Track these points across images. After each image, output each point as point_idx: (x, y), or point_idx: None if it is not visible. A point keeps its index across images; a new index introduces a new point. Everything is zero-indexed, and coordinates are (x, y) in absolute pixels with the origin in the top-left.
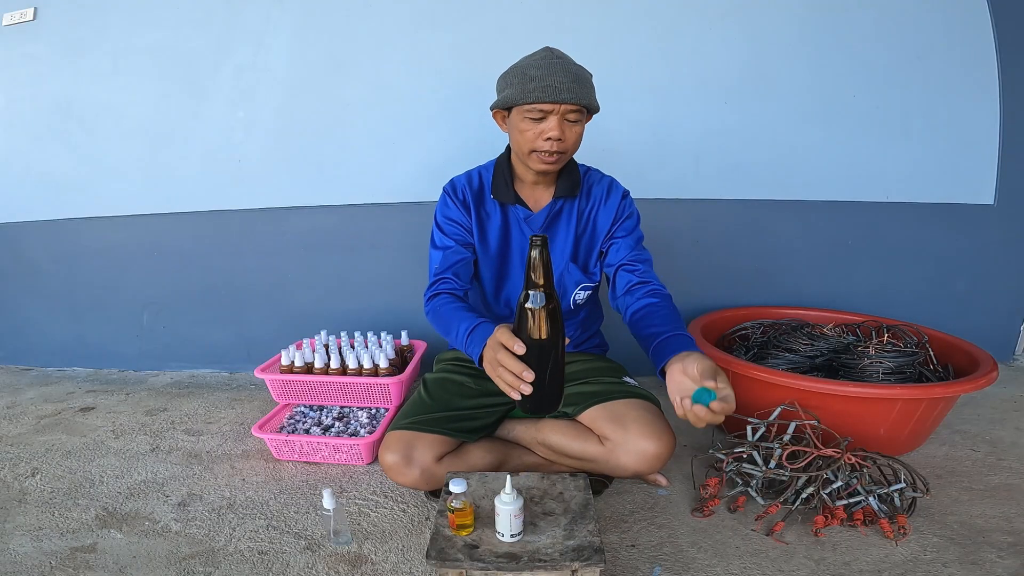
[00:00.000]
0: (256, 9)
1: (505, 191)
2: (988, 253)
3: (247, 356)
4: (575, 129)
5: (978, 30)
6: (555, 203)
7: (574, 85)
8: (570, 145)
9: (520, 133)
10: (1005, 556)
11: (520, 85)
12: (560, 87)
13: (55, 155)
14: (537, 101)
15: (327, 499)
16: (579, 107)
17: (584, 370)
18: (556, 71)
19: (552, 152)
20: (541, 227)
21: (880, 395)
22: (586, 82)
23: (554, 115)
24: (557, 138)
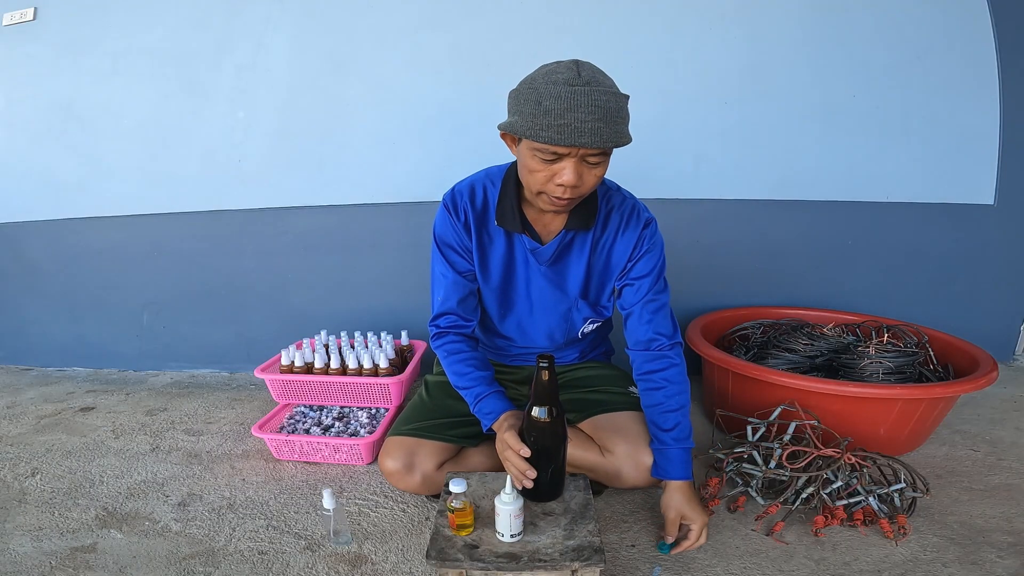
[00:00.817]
0: (256, 9)
1: (512, 219)
2: (988, 253)
3: (247, 356)
4: (596, 172)
5: (978, 30)
6: (566, 235)
7: (600, 125)
8: (587, 189)
9: (528, 171)
10: (1005, 556)
11: (532, 116)
12: (582, 129)
13: (55, 155)
14: (550, 143)
15: (327, 499)
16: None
17: (588, 377)
18: (579, 106)
19: (564, 198)
20: (549, 260)
21: (880, 395)
22: (616, 117)
23: (571, 158)
24: (572, 184)
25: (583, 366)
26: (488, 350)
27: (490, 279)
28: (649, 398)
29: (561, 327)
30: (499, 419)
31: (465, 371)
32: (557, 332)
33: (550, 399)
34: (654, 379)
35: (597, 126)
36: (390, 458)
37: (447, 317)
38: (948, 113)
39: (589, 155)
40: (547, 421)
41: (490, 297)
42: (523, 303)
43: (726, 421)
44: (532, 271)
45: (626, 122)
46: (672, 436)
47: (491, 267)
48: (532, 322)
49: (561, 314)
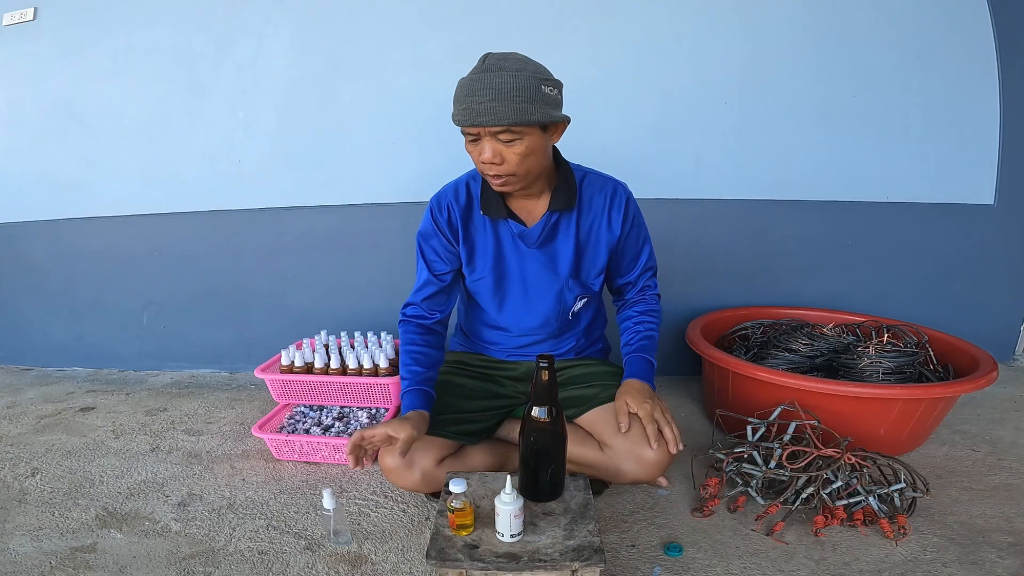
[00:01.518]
0: (256, 9)
1: (496, 207)
2: (988, 253)
3: (247, 356)
4: (515, 149)
5: (978, 30)
6: (550, 217)
7: (494, 105)
8: (513, 167)
9: (469, 153)
10: (1005, 556)
11: (454, 105)
12: (478, 109)
13: (55, 155)
14: (460, 124)
15: (327, 499)
16: (505, 127)
17: (586, 374)
18: (475, 90)
19: (497, 176)
20: (536, 242)
21: (880, 395)
22: (514, 98)
23: (484, 138)
24: (491, 161)
25: (579, 364)
26: (484, 346)
27: (482, 270)
28: (623, 326)
29: (555, 308)
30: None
31: (408, 363)
32: (552, 313)
33: (550, 399)
34: (629, 312)
35: (492, 106)
36: (389, 455)
37: (413, 307)
38: (948, 113)
39: (498, 133)
40: (547, 421)
41: (484, 288)
42: (517, 287)
43: (726, 421)
44: (523, 255)
45: (533, 101)
46: (632, 348)
47: (482, 257)
48: (528, 306)
49: (555, 294)
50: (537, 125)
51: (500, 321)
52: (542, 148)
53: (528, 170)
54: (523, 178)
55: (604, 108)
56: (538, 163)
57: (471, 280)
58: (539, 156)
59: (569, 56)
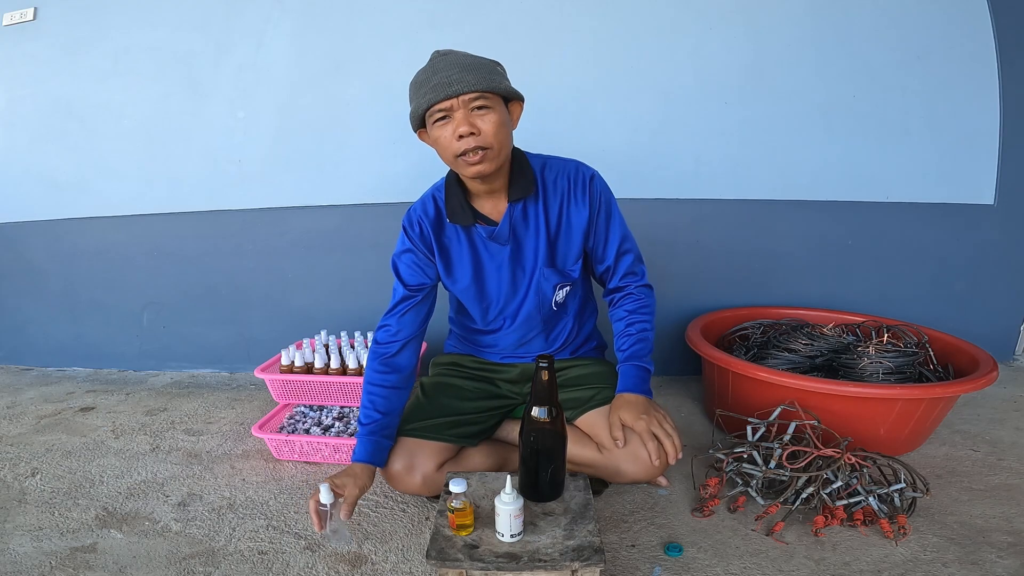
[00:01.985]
0: (256, 9)
1: (462, 213)
2: (988, 253)
3: (247, 356)
4: (489, 119)
5: (978, 30)
6: (512, 208)
7: (464, 74)
8: (490, 137)
9: (438, 144)
10: (1005, 556)
11: (415, 96)
12: (450, 81)
13: (55, 155)
14: (432, 103)
15: (324, 494)
16: (479, 93)
17: (583, 375)
18: (439, 68)
19: (473, 150)
20: (507, 238)
21: (880, 395)
22: (480, 68)
23: (456, 110)
24: (469, 132)
25: (576, 364)
26: (479, 349)
27: (462, 279)
28: (616, 328)
29: (535, 299)
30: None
31: (367, 405)
32: (532, 306)
33: (550, 399)
34: (618, 312)
35: (461, 75)
36: (390, 460)
37: (384, 330)
38: (948, 113)
39: (471, 103)
40: (547, 421)
41: (468, 296)
42: (499, 288)
43: (726, 421)
44: (497, 254)
45: (494, 73)
46: (625, 355)
47: (460, 267)
48: (510, 303)
49: (533, 285)
50: (502, 96)
51: (489, 324)
52: (508, 124)
53: (502, 144)
54: (498, 153)
55: (604, 108)
56: (508, 139)
57: (455, 291)
58: (507, 132)
59: (569, 56)
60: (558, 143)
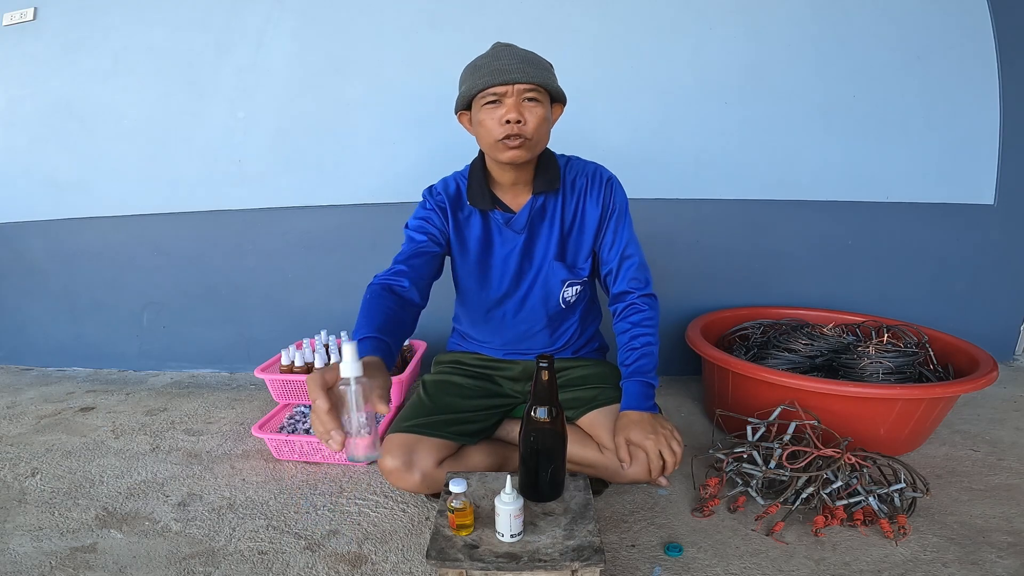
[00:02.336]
0: (256, 9)
1: (481, 197)
2: (988, 253)
3: (247, 356)
4: (536, 111)
5: (978, 30)
6: (535, 200)
7: (524, 66)
8: (532, 129)
9: (482, 125)
10: (1005, 556)
11: (472, 77)
12: (510, 68)
13: (55, 155)
14: (488, 86)
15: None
16: (534, 86)
17: (585, 376)
18: (502, 56)
19: (515, 136)
20: (523, 227)
21: (880, 395)
22: (539, 64)
23: (509, 97)
24: (516, 120)
25: (579, 365)
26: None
27: (469, 256)
28: (619, 340)
29: (540, 296)
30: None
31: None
32: (537, 302)
33: (550, 399)
34: (623, 324)
35: (521, 66)
36: (389, 456)
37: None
38: (948, 113)
39: (525, 93)
40: (547, 421)
41: (471, 276)
42: (507, 276)
43: (726, 421)
44: (511, 242)
45: (551, 73)
46: (629, 370)
47: (469, 246)
48: (517, 294)
49: (542, 279)
50: (552, 94)
51: (494, 314)
52: (549, 121)
53: (540, 138)
54: (535, 145)
55: (604, 108)
56: (546, 135)
57: (463, 272)
58: (547, 129)
59: (569, 56)
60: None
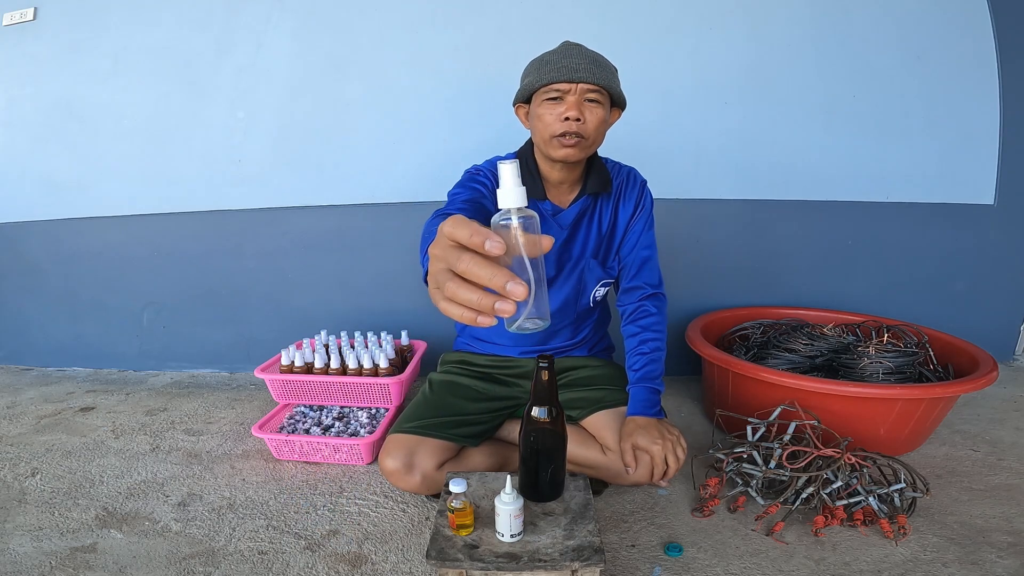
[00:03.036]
0: (256, 9)
1: (533, 185)
2: (988, 253)
3: (247, 356)
4: (596, 112)
5: (978, 30)
6: (587, 200)
7: (591, 66)
8: (591, 129)
9: (540, 120)
10: (1005, 556)
11: (537, 71)
12: (577, 67)
13: (55, 155)
14: (553, 81)
15: (510, 193)
16: (598, 88)
17: (593, 376)
18: (572, 54)
19: (572, 134)
20: (570, 224)
21: (880, 395)
22: (606, 66)
23: (572, 95)
24: (576, 118)
25: (586, 365)
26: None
27: None
28: (628, 344)
29: (574, 291)
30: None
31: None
32: (571, 297)
33: (550, 399)
34: (632, 328)
35: (590, 67)
36: (390, 457)
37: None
38: (948, 113)
39: (587, 92)
40: (547, 421)
41: None
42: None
43: (726, 421)
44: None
45: (616, 77)
46: (637, 376)
47: None
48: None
49: (576, 276)
50: (613, 98)
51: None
52: (606, 123)
53: (596, 139)
54: (590, 146)
55: None
56: (601, 137)
57: None
58: (603, 131)
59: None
60: None
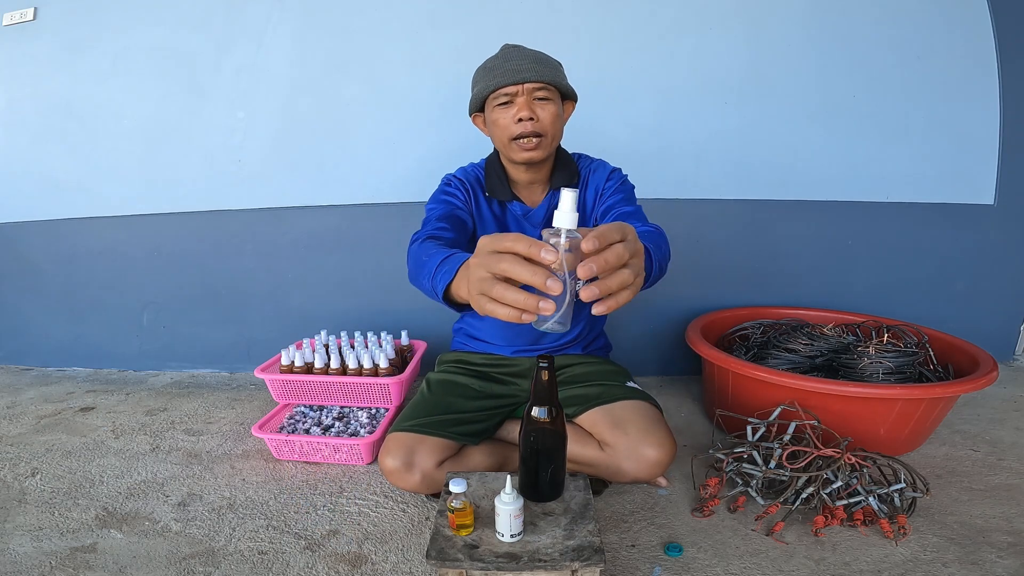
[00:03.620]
0: (256, 9)
1: (501, 188)
2: (988, 253)
3: (247, 356)
4: (548, 108)
5: (978, 30)
6: (554, 195)
7: (534, 65)
8: (546, 126)
9: (495, 125)
10: (1005, 556)
11: (484, 79)
12: (520, 68)
13: (55, 155)
14: (500, 86)
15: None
16: (544, 84)
17: (587, 373)
18: (514, 57)
19: (529, 135)
20: (541, 222)
21: (880, 395)
22: (549, 63)
23: (520, 96)
24: (528, 117)
25: (582, 362)
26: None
27: None
28: None
29: None
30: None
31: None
32: None
33: (550, 399)
34: None
35: (532, 65)
36: (389, 456)
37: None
38: (948, 113)
39: (535, 91)
40: (547, 421)
41: None
42: None
43: (726, 421)
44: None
45: (560, 72)
46: None
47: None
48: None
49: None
50: (562, 92)
51: None
52: (562, 118)
53: (555, 134)
54: (550, 142)
55: (604, 108)
56: (559, 131)
57: None
58: (560, 125)
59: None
60: None
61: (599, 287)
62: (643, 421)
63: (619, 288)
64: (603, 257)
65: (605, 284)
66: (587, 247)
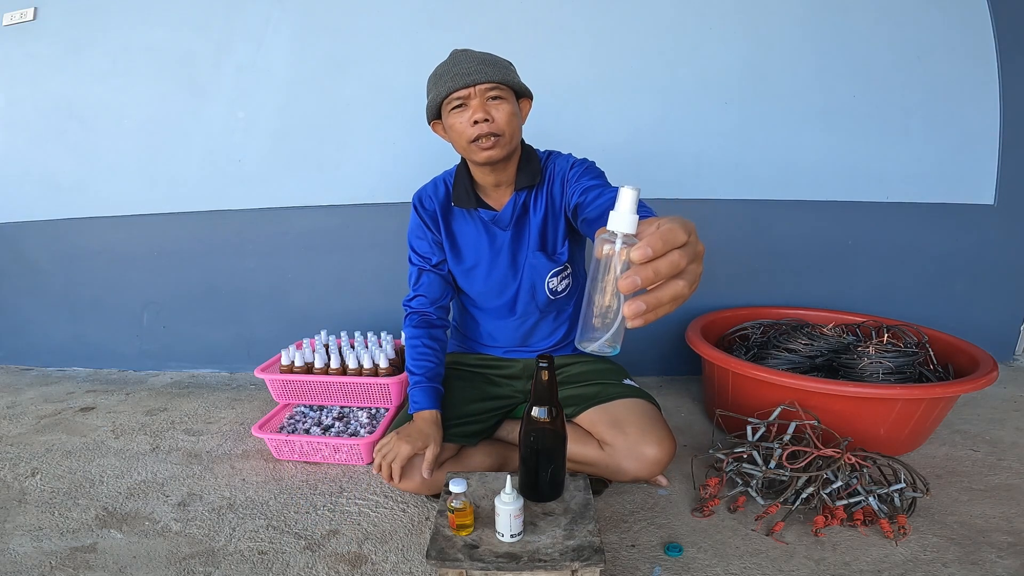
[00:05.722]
0: (256, 9)
1: (466, 198)
2: (988, 253)
3: (247, 356)
4: (502, 108)
5: (978, 30)
6: (518, 196)
7: (483, 67)
8: (502, 125)
9: (453, 130)
10: (1005, 556)
11: (436, 86)
12: (469, 71)
13: (55, 155)
14: (452, 91)
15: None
16: (495, 84)
17: (584, 372)
18: (462, 60)
19: (487, 136)
20: (508, 224)
21: (880, 395)
22: (498, 63)
23: (473, 99)
24: (483, 119)
25: (579, 361)
26: (481, 345)
27: (467, 259)
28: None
29: (528, 287)
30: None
31: (416, 357)
32: (527, 294)
33: (550, 399)
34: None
35: (481, 67)
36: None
37: (418, 299)
38: (948, 113)
39: (488, 92)
40: (547, 421)
41: (472, 279)
42: (499, 274)
43: (726, 421)
44: (498, 242)
45: (510, 70)
46: None
47: (464, 247)
48: (510, 295)
49: (527, 274)
50: (515, 90)
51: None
52: (518, 116)
53: (512, 133)
54: (509, 141)
55: (604, 108)
56: (518, 130)
57: (457, 274)
58: (518, 123)
59: (569, 56)
60: (558, 143)
61: (647, 302)
62: (642, 420)
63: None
64: (653, 267)
65: (655, 297)
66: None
